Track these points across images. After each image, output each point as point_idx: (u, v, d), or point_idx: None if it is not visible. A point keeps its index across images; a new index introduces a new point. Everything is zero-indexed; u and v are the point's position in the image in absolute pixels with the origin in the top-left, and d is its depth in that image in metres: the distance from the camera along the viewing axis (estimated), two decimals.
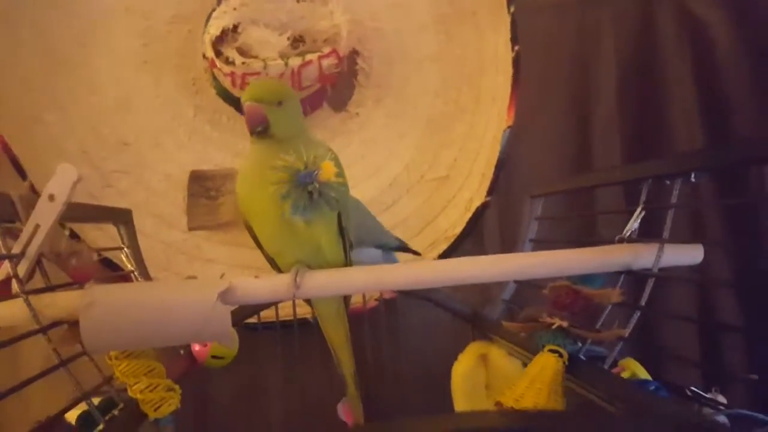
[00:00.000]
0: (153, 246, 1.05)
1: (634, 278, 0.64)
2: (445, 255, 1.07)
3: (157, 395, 0.57)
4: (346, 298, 0.69)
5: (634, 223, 0.64)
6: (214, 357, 0.81)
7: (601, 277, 0.65)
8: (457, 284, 0.61)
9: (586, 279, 0.66)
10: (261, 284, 0.57)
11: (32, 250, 0.53)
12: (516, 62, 1.01)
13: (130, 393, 0.57)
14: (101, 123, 1.05)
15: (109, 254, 0.86)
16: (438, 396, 0.91)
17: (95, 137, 1.04)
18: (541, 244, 0.92)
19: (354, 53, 1.15)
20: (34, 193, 0.93)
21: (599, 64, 1.20)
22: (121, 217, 0.85)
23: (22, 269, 0.53)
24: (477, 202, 1.06)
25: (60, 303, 0.53)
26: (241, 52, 0.97)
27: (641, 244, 0.62)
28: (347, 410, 0.93)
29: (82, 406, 0.59)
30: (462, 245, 1.08)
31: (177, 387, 0.60)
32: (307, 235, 0.57)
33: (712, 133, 1.14)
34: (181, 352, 0.80)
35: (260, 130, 0.58)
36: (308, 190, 0.52)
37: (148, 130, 1.08)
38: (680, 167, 0.59)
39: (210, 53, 0.96)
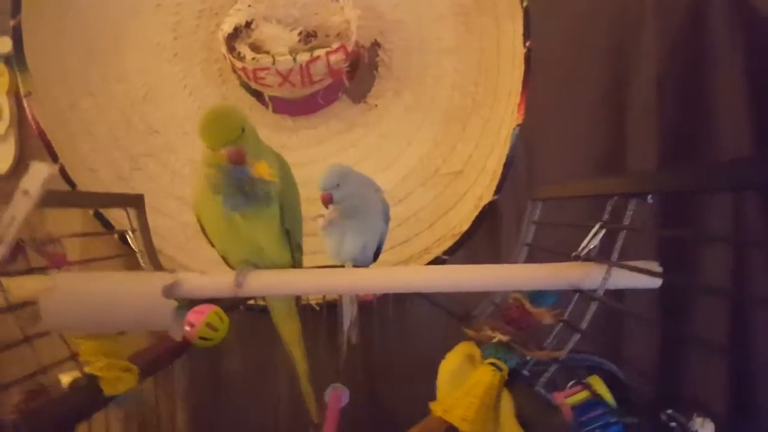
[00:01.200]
0: (174, 227, 1.12)
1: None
2: (450, 252, 1.08)
3: (113, 374, 0.63)
4: (298, 298, 0.71)
5: (592, 241, 0.62)
6: (201, 338, 0.87)
7: (554, 294, 0.64)
8: (401, 291, 0.62)
9: (539, 295, 0.65)
10: (206, 281, 0.61)
11: (8, 238, 0.60)
12: (527, 58, 0.98)
13: (90, 370, 0.63)
14: (131, 111, 1.13)
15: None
16: (426, 391, 0.92)
17: (125, 124, 1.12)
18: (536, 249, 0.90)
19: (375, 45, 1.16)
20: (65, 176, 1.02)
21: (638, 59, 1.13)
22: (132, 203, 0.92)
23: None
24: (485, 200, 1.06)
25: (28, 286, 0.60)
26: (254, 48, 1.01)
27: (593, 263, 0.60)
28: (334, 396, 0.97)
29: (74, 374, 0.67)
30: (471, 243, 1.08)
31: (134, 368, 0.65)
32: (247, 234, 0.60)
33: (763, 141, 1.05)
34: None
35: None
36: (240, 185, 0.56)
37: (176, 118, 1.15)
38: (634, 188, 0.57)
39: (223, 49, 1.00)
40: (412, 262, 1.11)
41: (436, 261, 1.08)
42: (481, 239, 1.09)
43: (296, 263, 0.66)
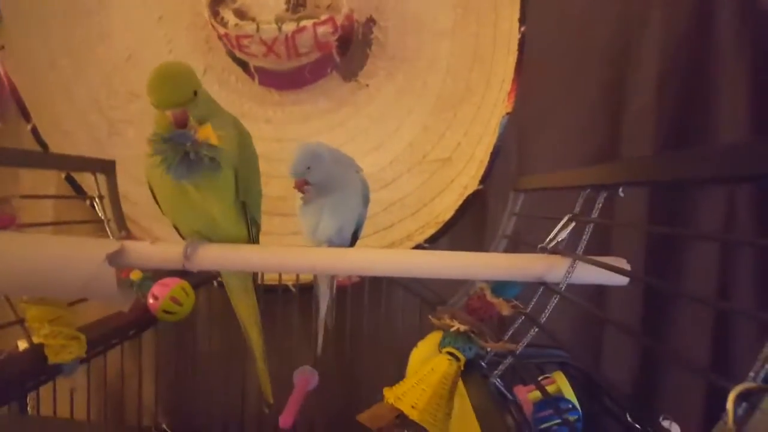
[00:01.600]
0: (150, 196, 1.09)
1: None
2: (432, 240, 1.05)
3: (58, 342, 0.60)
4: (255, 276, 0.69)
5: (560, 233, 0.59)
6: (165, 311, 0.84)
7: (518, 285, 0.62)
8: (359, 274, 0.59)
9: (503, 286, 0.62)
10: (153, 250, 0.58)
11: None
12: (521, 44, 0.94)
13: (35, 337, 0.61)
14: (113, 74, 1.09)
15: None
16: (398, 377, 0.90)
17: (106, 87, 1.09)
18: (516, 241, 0.88)
19: (370, 21, 1.12)
20: (36, 135, 0.99)
21: (640, 53, 1.09)
22: (103, 167, 0.89)
23: None
24: (471, 189, 1.03)
25: None
26: (239, 14, 0.97)
27: (558, 256, 0.57)
28: (302, 379, 0.95)
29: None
30: (453, 231, 1.05)
31: (82, 336, 0.63)
32: (200, 205, 0.57)
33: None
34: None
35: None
36: (184, 150, 0.53)
37: None
38: (605, 179, 0.53)
39: (206, 13, 0.97)
40: (394, 248, 1.08)
41: (417, 248, 1.05)
42: (466, 229, 1.06)
43: (252, 239, 0.63)
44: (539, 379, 0.68)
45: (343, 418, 1.04)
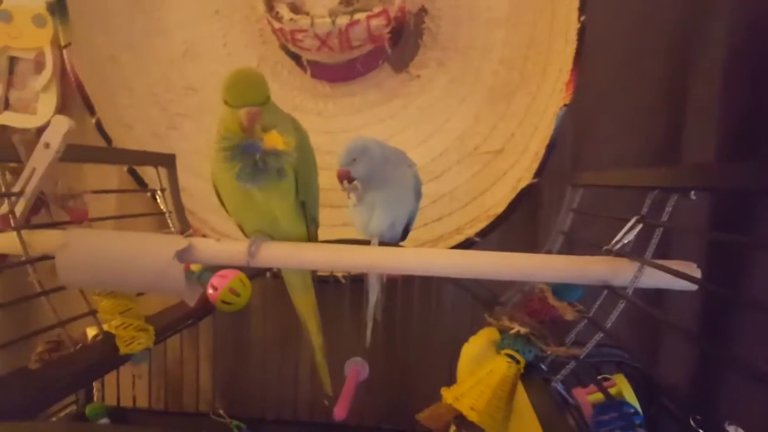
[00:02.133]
0: (208, 188, 1.10)
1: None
2: (483, 234, 1.04)
3: (128, 333, 0.63)
4: (314, 271, 0.70)
5: (626, 236, 0.58)
6: (223, 302, 0.87)
7: (580, 288, 0.61)
8: (417, 273, 0.59)
9: (565, 288, 0.61)
10: (219, 248, 0.60)
11: (29, 191, 0.60)
12: (581, 34, 0.92)
13: (107, 328, 0.64)
14: (170, 68, 1.12)
15: None
16: (446, 373, 0.90)
17: (164, 81, 1.12)
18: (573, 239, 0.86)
19: (422, 11, 1.11)
20: (101, 130, 1.02)
21: (705, 45, 1.03)
22: (164, 161, 0.91)
23: (20, 207, 0.60)
24: (524, 183, 1.01)
25: (46, 240, 0.60)
26: (294, 8, 0.98)
27: (625, 259, 0.56)
28: (354, 370, 0.96)
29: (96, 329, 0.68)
30: (506, 226, 1.04)
31: (150, 328, 0.65)
32: (263, 205, 0.59)
33: None
34: None
35: None
36: (253, 159, 0.54)
37: (213, 77, 1.13)
38: (677, 181, 0.52)
39: (261, 8, 0.98)
40: (443, 242, 1.08)
41: (467, 242, 1.04)
42: (518, 223, 1.04)
43: (311, 236, 0.64)
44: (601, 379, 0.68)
45: (393, 410, 1.06)
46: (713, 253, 0.96)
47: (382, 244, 0.85)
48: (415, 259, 0.59)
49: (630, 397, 0.69)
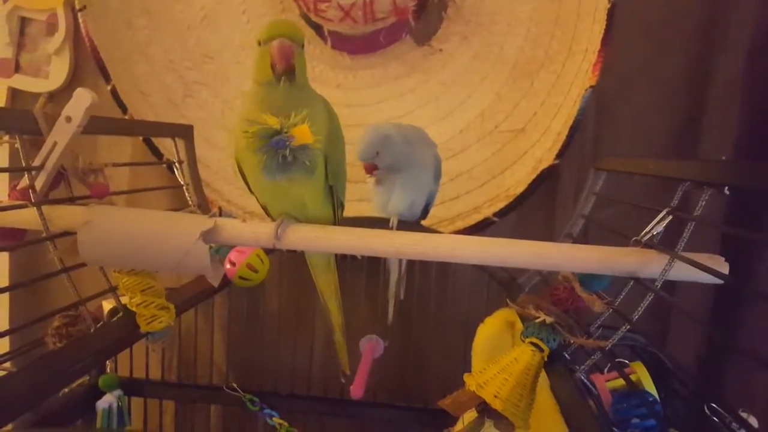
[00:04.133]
0: (223, 159, 1.11)
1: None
2: (501, 213, 1.03)
3: (149, 311, 0.62)
4: (337, 254, 0.69)
5: (656, 227, 0.57)
6: (241, 278, 0.87)
7: (607, 278, 0.60)
8: (444, 260, 0.58)
9: (592, 278, 0.60)
10: (245, 229, 0.58)
11: (50, 165, 0.59)
12: (610, 14, 0.89)
13: (128, 305, 0.63)
14: (188, 34, 1.09)
15: None
16: (461, 352, 0.90)
17: (181, 47, 1.09)
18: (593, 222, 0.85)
19: None
20: (116, 98, 1.00)
21: (730, 29, 1.00)
22: (181, 132, 0.90)
23: (40, 181, 0.59)
24: (545, 164, 0.99)
25: (67, 216, 0.59)
26: None
27: (653, 251, 0.55)
28: (369, 347, 0.96)
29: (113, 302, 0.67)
30: (524, 206, 1.02)
31: (171, 306, 0.65)
32: (291, 191, 0.57)
33: None
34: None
35: (288, 72, 0.54)
36: (282, 154, 0.52)
37: (231, 45, 1.11)
38: (712, 177, 0.51)
39: None
40: (460, 220, 1.07)
41: (486, 221, 1.03)
42: (536, 203, 1.03)
43: (337, 218, 0.63)
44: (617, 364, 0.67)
45: (406, 388, 1.06)
46: (728, 244, 0.95)
47: (401, 222, 0.85)
48: (443, 245, 0.58)
49: (648, 385, 0.69)
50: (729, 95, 0.99)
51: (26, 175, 0.58)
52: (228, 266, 0.86)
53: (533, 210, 1.05)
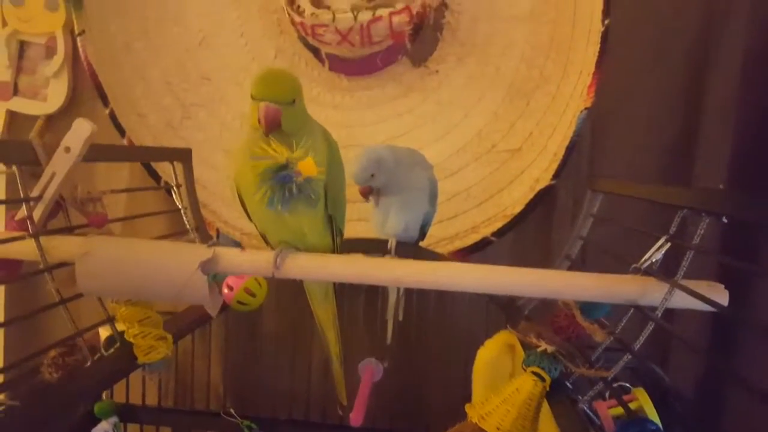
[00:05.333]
0: (220, 180, 1.11)
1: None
2: (499, 233, 1.03)
3: (147, 343, 0.62)
4: (335, 283, 0.69)
5: (655, 254, 0.57)
6: (239, 302, 0.86)
7: (607, 305, 0.60)
8: (445, 289, 0.58)
9: (593, 305, 0.60)
10: (244, 258, 0.58)
11: (48, 195, 0.59)
12: (605, 37, 0.90)
13: (126, 336, 0.63)
14: (185, 56, 1.10)
15: None
16: (460, 374, 0.90)
17: (179, 69, 1.10)
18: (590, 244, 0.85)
19: (443, 6, 1.09)
20: (114, 120, 1.01)
21: (723, 49, 1.01)
22: (179, 156, 0.90)
23: (38, 212, 0.59)
24: (542, 184, 1.00)
25: (65, 247, 0.58)
26: (315, 2, 0.95)
27: (653, 279, 0.55)
28: (368, 371, 0.96)
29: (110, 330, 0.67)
30: (521, 226, 1.03)
31: (169, 337, 0.64)
32: (291, 221, 0.57)
33: None
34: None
35: (275, 130, 0.55)
36: (288, 188, 0.52)
37: (229, 67, 1.11)
38: (711, 205, 0.51)
39: (282, 1, 0.95)
40: (458, 240, 1.07)
41: (484, 241, 1.03)
42: (533, 223, 1.04)
43: (336, 247, 0.63)
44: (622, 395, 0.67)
45: (405, 413, 1.05)
46: (724, 267, 0.95)
47: (399, 243, 0.85)
48: (443, 274, 0.58)
49: (651, 412, 0.68)
50: (723, 115, 1.00)
51: (24, 206, 0.58)
52: (225, 291, 0.85)
53: (530, 229, 1.05)
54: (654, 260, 0.58)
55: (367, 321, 1.02)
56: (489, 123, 1.09)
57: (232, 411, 0.97)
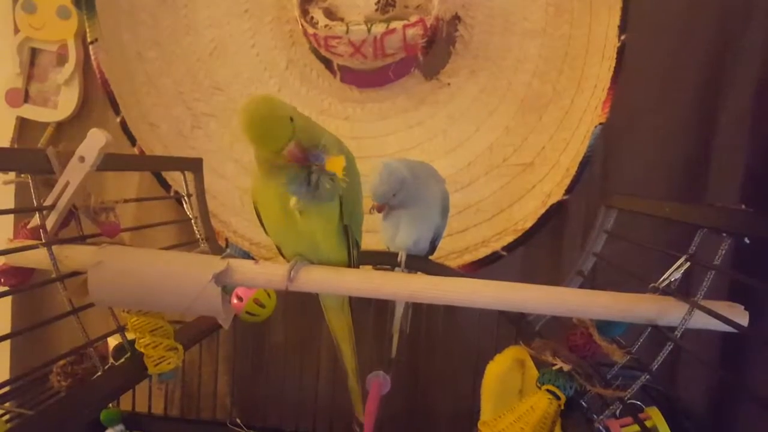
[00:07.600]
0: (230, 190, 1.11)
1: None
2: (510, 247, 1.03)
3: (158, 353, 0.62)
4: (351, 297, 0.68)
5: (674, 274, 0.56)
6: (248, 313, 0.86)
7: (624, 325, 0.59)
8: (459, 305, 0.58)
9: (609, 324, 0.60)
10: (258, 270, 0.58)
11: (61, 204, 0.58)
12: (620, 53, 0.89)
13: (136, 346, 0.62)
14: (197, 66, 1.10)
15: None
16: (470, 389, 0.89)
17: (191, 79, 1.10)
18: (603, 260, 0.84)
19: (456, 19, 1.08)
20: (124, 129, 1.01)
21: (739, 65, 1.00)
22: (190, 166, 0.89)
23: (51, 221, 0.58)
24: (554, 199, 0.99)
25: (78, 256, 0.58)
26: (328, 13, 0.95)
27: (672, 299, 0.54)
28: (376, 384, 0.95)
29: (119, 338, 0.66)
30: (532, 241, 1.02)
31: (180, 347, 0.64)
32: (305, 228, 0.57)
33: None
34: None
35: None
36: (309, 171, 0.52)
37: (240, 78, 1.11)
38: (733, 226, 0.50)
39: (296, 12, 0.95)
40: (468, 254, 1.06)
41: (494, 255, 1.03)
42: (544, 238, 1.03)
43: (352, 261, 0.62)
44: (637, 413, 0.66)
45: (414, 427, 1.04)
46: (733, 287, 0.94)
47: (409, 257, 0.84)
48: (458, 290, 0.57)
49: (664, 430, 0.68)
50: (738, 132, 0.99)
51: (37, 215, 0.58)
52: (235, 301, 0.85)
53: (541, 244, 1.04)
54: (672, 279, 0.57)
55: (377, 333, 1.01)
56: (501, 137, 1.09)
57: (238, 421, 0.97)
